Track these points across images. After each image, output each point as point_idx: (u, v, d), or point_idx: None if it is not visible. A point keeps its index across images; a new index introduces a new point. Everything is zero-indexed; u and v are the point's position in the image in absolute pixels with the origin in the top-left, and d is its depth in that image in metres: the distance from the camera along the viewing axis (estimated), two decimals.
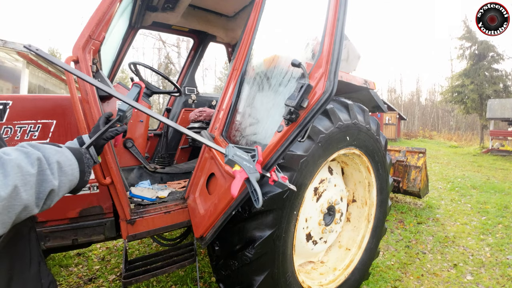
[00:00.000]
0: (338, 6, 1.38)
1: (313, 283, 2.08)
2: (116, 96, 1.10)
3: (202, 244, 1.71)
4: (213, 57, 37.04)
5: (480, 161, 11.79)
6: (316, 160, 1.77)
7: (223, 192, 1.57)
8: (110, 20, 1.61)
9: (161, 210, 1.85)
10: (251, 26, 1.90)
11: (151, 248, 3.35)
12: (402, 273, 2.90)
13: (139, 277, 1.73)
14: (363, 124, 2.10)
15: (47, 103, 1.66)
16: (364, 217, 2.46)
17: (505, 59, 19.27)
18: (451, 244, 3.65)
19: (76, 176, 0.74)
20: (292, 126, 1.36)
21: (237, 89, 1.88)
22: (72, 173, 0.73)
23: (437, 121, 44.43)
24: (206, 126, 2.90)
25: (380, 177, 2.39)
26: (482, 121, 19.44)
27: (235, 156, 1.17)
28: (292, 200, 1.68)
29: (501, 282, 2.78)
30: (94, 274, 2.79)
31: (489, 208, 5.15)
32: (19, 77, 7.50)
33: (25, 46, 0.92)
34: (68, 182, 0.71)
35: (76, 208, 1.65)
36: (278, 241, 1.66)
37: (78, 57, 1.48)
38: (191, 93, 3.62)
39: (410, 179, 4.95)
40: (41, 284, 0.83)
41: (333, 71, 1.33)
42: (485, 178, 8.02)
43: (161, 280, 2.64)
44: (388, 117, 22.86)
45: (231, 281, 1.73)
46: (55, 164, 0.67)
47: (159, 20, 3.03)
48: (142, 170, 2.55)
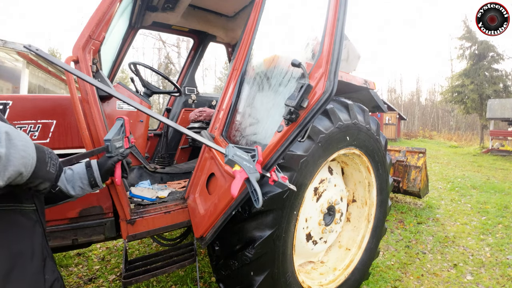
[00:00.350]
0: (338, 6, 1.38)
1: (313, 283, 2.08)
2: (116, 96, 1.11)
3: (202, 244, 1.71)
4: (213, 57, 37.01)
5: (480, 161, 11.79)
6: (316, 160, 1.77)
7: (223, 192, 1.57)
8: (110, 20, 1.61)
9: (161, 210, 1.85)
10: (251, 26, 1.90)
11: (151, 248, 3.35)
12: (402, 273, 2.90)
13: (139, 277, 1.73)
14: (363, 124, 2.10)
15: (47, 103, 1.66)
16: (364, 217, 2.46)
17: (505, 59, 19.28)
18: (451, 244, 3.65)
19: (31, 154, 0.71)
20: (292, 126, 1.36)
21: (237, 89, 1.88)
22: (25, 149, 0.69)
23: (437, 121, 44.44)
24: (206, 126, 2.90)
25: (380, 177, 2.39)
26: (482, 121, 19.44)
27: (235, 156, 1.17)
28: (292, 200, 1.68)
29: (501, 282, 2.78)
30: (94, 274, 2.79)
31: (489, 208, 5.15)
32: (19, 77, 7.50)
33: (25, 46, 0.93)
34: (20, 158, 0.67)
35: (76, 208, 1.65)
36: (278, 241, 1.66)
37: (78, 57, 1.48)
38: (191, 93, 3.62)
39: (410, 179, 4.95)
40: (44, 279, 0.82)
41: (333, 71, 1.33)
42: (485, 178, 8.03)
43: (161, 280, 2.64)
44: (388, 117, 22.86)
45: (231, 281, 1.73)
46: (3, 134, 0.65)
47: (159, 20, 3.03)
48: (142, 170, 2.55)
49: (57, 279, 0.88)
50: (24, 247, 0.79)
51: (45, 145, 1.56)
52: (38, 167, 0.74)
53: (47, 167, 0.78)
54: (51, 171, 0.79)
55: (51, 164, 0.79)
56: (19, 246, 0.78)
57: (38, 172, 0.74)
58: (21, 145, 0.68)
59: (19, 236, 0.79)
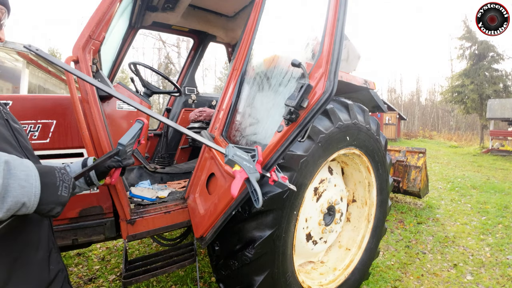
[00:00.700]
0: (338, 6, 1.38)
1: (313, 283, 2.08)
2: (116, 96, 1.10)
3: (202, 244, 1.71)
4: (213, 57, 37.02)
5: (480, 161, 11.79)
6: (316, 160, 1.77)
7: (223, 192, 1.57)
8: (110, 20, 1.61)
9: (161, 210, 1.85)
10: (251, 26, 1.90)
11: (151, 248, 3.35)
12: (402, 273, 2.90)
13: (139, 277, 1.73)
14: (363, 124, 2.10)
15: (47, 103, 1.66)
16: (364, 217, 2.46)
17: (505, 59, 19.27)
18: (451, 244, 3.65)
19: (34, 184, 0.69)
20: (292, 126, 1.35)
21: (237, 89, 1.88)
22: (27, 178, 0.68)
23: (437, 121, 44.43)
24: (206, 126, 2.90)
25: (380, 177, 2.39)
26: (482, 121, 19.44)
27: (235, 156, 1.17)
28: (292, 200, 1.68)
29: (501, 282, 2.78)
30: (94, 274, 2.79)
31: (489, 208, 5.15)
32: (19, 77, 7.50)
33: (25, 46, 0.92)
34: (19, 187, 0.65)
35: (76, 208, 1.65)
36: (278, 241, 1.66)
37: (78, 57, 1.48)
38: (191, 93, 3.63)
39: (410, 179, 4.95)
40: (48, 270, 0.84)
41: (333, 71, 1.33)
42: (485, 178, 8.02)
43: (161, 280, 2.64)
44: (388, 117, 22.86)
45: (231, 281, 1.73)
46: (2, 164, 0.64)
47: (159, 20, 3.03)
48: (142, 170, 2.55)
49: (62, 270, 0.92)
50: (31, 238, 0.83)
51: (45, 145, 1.58)
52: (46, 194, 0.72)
53: (59, 191, 0.76)
54: (64, 194, 0.77)
55: (63, 187, 0.77)
56: (26, 236, 0.81)
57: (48, 198, 0.73)
58: (22, 175, 0.67)
59: (26, 227, 0.82)
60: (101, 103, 1.61)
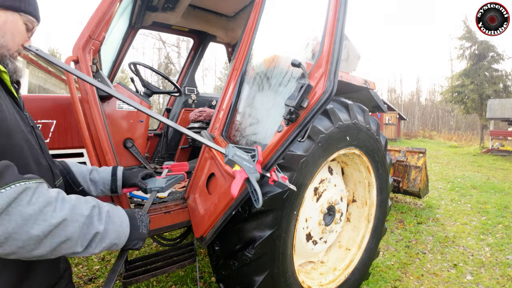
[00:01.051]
0: (338, 6, 1.38)
1: (313, 283, 2.08)
2: (116, 96, 1.10)
3: (202, 244, 1.71)
4: (213, 57, 37.04)
5: (480, 161, 11.79)
6: (316, 160, 1.77)
7: (223, 192, 1.57)
8: (110, 20, 1.61)
9: (161, 210, 1.85)
10: (251, 26, 1.90)
11: (151, 248, 3.35)
12: (402, 273, 2.90)
13: (139, 277, 1.73)
14: (363, 124, 2.09)
15: (47, 103, 1.66)
16: (364, 217, 2.46)
17: (505, 59, 19.27)
18: (451, 244, 3.65)
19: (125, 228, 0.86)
20: (292, 126, 1.35)
21: (237, 89, 1.88)
22: (121, 224, 0.85)
23: (437, 121, 44.43)
24: (206, 126, 2.90)
25: (380, 177, 2.39)
26: (482, 121, 19.44)
27: (235, 156, 1.17)
28: (292, 200, 1.68)
29: (501, 282, 2.78)
30: (94, 274, 2.79)
31: (489, 208, 5.15)
32: None
33: (25, 46, 0.92)
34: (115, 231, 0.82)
35: None
36: (278, 241, 1.66)
37: (78, 57, 1.48)
38: (191, 93, 3.63)
39: (410, 179, 4.95)
40: (58, 268, 0.92)
41: (333, 71, 1.32)
42: (485, 178, 8.02)
43: (161, 280, 2.64)
44: (388, 117, 22.86)
45: (231, 281, 1.73)
46: (105, 213, 0.81)
47: (159, 20, 3.03)
48: None
49: (68, 268, 0.98)
50: None
51: None
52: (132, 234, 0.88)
53: (140, 230, 0.92)
54: (143, 231, 0.93)
55: (142, 226, 0.93)
56: None
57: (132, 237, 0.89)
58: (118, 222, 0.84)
59: None
60: (101, 103, 1.61)
